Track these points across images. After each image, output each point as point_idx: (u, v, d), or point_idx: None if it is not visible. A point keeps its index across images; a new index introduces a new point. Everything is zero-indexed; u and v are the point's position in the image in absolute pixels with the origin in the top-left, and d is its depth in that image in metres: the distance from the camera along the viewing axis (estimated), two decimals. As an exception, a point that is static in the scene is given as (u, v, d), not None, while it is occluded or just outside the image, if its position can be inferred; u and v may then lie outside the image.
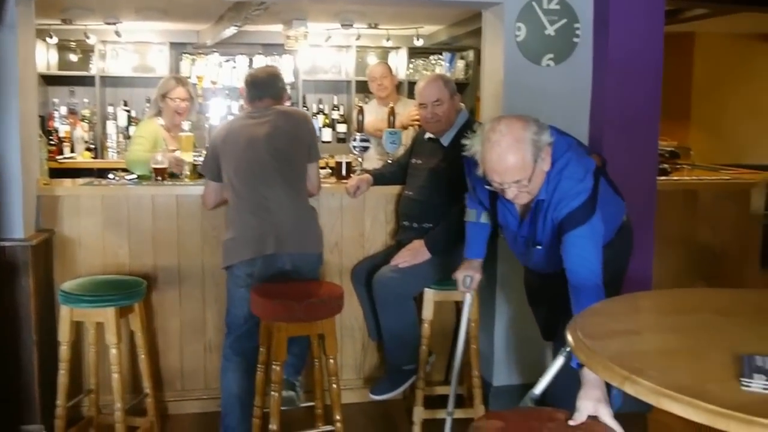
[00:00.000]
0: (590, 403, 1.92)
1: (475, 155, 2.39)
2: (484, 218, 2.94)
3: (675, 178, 4.48)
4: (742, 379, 1.44)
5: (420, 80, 3.59)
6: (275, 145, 3.23)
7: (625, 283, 2.89)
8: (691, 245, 4.27)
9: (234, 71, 6.87)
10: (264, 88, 3.36)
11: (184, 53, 6.82)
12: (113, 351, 3.07)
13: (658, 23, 3.63)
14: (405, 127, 4.58)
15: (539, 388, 2.10)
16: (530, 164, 2.30)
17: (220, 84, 6.79)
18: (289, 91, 4.23)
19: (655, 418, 3.57)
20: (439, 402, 3.50)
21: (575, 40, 3.65)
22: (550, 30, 3.63)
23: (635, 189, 3.41)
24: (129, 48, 6.77)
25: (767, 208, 4.94)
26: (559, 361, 2.04)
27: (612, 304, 2.09)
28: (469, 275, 2.97)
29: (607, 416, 1.92)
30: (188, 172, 3.72)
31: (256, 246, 3.13)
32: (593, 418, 1.92)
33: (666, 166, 4.62)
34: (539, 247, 2.59)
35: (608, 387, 1.90)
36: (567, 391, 2.03)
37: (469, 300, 3.12)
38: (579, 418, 1.91)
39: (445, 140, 3.48)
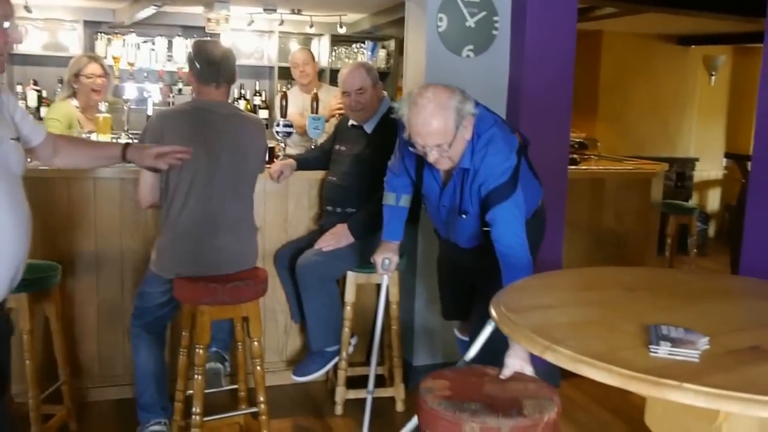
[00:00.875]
0: (518, 362, 2.15)
1: (402, 118, 2.52)
2: (402, 202, 3.02)
3: (584, 167, 4.72)
4: (650, 346, 1.56)
5: (343, 68, 3.63)
6: (236, 160, 3.01)
7: (537, 266, 3.04)
8: (596, 231, 4.52)
9: (153, 53, 6.70)
10: (222, 69, 2.99)
11: (99, 32, 6.59)
12: (26, 338, 2.97)
13: (571, 20, 3.80)
14: (327, 119, 4.59)
15: (470, 355, 2.30)
16: (452, 130, 2.44)
17: (137, 66, 6.60)
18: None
19: (562, 393, 3.77)
20: (361, 382, 3.58)
21: (494, 32, 3.78)
22: (471, 22, 3.75)
23: (548, 177, 3.55)
24: (39, 24, 6.46)
25: (665, 197, 5.28)
26: (488, 330, 2.22)
27: (530, 281, 2.22)
28: (387, 257, 3.04)
29: (530, 373, 2.17)
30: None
31: (195, 266, 2.99)
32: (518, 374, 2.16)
33: (575, 156, 4.86)
34: (464, 216, 2.68)
35: None
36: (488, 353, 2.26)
37: (386, 282, 3.20)
38: (507, 373, 2.14)
39: (369, 127, 3.55)
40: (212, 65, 2.97)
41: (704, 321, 1.77)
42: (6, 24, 1.92)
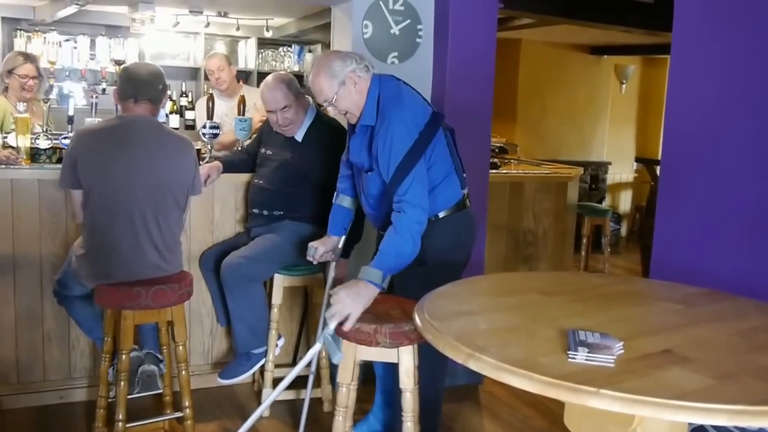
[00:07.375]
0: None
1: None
2: (339, 200, 3.12)
3: (504, 171, 4.87)
4: (568, 352, 1.61)
5: (263, 87, 3.52)
6: (159, 175, 2.94)
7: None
8: (516, 231, 4.68)
9: (75, 52, 6.48)
10: (142, 88, 2.97)
11: (19, 29, 6.35)
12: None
13: (492, 29, 3.91)
14: (254, 132, 4.50)
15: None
16: (332, 88, 2.72)
17: (59, 65, 6.37)
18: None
19: (485, 389, 3.92)
20: (289, 384, 3.60)
21: (418, 40, 3.87)
22: (395, 30, 3.83)
23: (470, 181, 3.69)
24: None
25: (581, 199, 5.51)
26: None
27: (453, 287, 2.25)
28: (315, 246, 3.11)
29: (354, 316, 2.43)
30: (24, 156, 3.53)
31: (115, 278, 2.95)
32: None
33: (496, 160, 5.02)
34: (370, 173, 2.78)
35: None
36: None
37: (332, 271, 3.20)
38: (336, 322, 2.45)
39: (299, 136, 3.53)
40: (131, 82, 2.98)
41: (618, 325, 1.85)
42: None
